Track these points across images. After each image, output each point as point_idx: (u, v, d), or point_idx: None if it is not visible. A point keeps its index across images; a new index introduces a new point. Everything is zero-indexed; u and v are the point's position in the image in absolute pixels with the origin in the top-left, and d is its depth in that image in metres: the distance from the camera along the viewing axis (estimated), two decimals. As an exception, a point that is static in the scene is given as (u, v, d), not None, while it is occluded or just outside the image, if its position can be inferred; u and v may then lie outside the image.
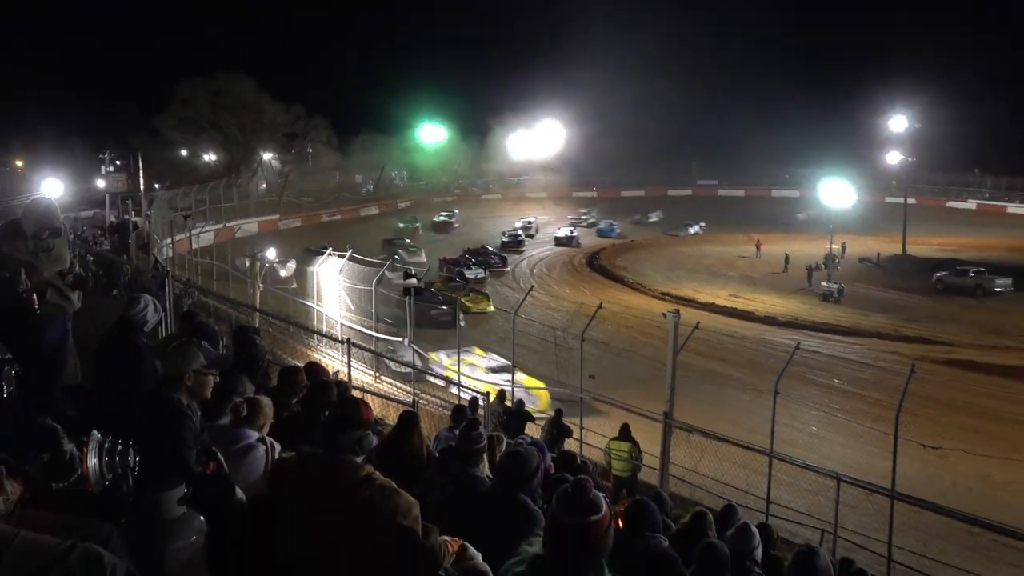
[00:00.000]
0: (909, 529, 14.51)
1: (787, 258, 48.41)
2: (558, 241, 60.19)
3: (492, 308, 33.82)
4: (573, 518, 2.62)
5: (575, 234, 61.38)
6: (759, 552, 5.96)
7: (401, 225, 59.82)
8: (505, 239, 57.62)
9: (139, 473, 3.52)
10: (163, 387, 4.45)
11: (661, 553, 5.02)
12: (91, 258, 24.98)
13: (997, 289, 41.51)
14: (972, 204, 74.72)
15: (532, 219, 66.38)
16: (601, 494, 2.70)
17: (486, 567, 3.63)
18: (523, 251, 55.64)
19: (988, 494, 17.49)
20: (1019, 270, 44.19)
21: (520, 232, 60.21)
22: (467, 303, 32.12)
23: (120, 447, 3.49)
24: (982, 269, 43.44)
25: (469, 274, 42.13)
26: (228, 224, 54.25)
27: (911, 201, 58.11)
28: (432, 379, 20.78)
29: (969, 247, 54.28)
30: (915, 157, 64.58)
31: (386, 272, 25.43)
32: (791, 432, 18.35)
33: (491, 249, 51.80)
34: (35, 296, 5.88)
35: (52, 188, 48.88)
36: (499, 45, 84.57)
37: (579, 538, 2.61)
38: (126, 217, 43.04)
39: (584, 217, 68.23)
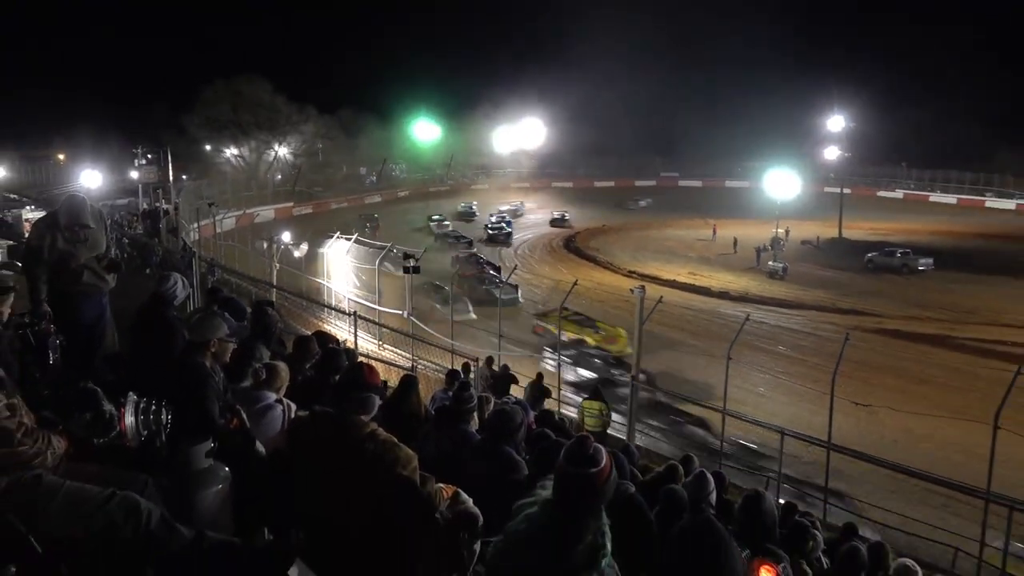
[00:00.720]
0: (843, 476, 14.70)
1: (735, 241, 48.50)
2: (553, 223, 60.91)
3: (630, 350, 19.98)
4: (578, 469, 2.65)
5: (567, 216, 62.19)
6: (713, 496, 6.00)
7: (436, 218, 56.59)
8: (490, 231, 53.88)
9: (171, 430, 3.52)
10: (190, 352, 4.44)
11: (628, 498, 5.05)
12: (126, 241, 24.79)
13: (920, 268, 41.76)
14: (900, 194, 75.02)
15: (519, 203, 65.84)
16: (603, 448, 2.72)
17: (476, 510, 3.64)
18: (511, 244, 52.55)
19: (911, 446, 17.64)
20: (940, 251, 44.51)
21: (503, 224, 55.74)
22: (598, 341, 23.33)
23: (154, 407, 3.49)
24: (908, 250, 43.69)
25: (499, 293, 28.19)
26: (248, 211, 53.85)
27: (847, 191, 58.28)
28: (428, 346, 20.78)
29: (897, 231, 54.53)
30: (851, 152, 64.81)
31: (393, 250, 25.28)
32: (742, 392, 18.47)
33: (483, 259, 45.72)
34: (72, 278, 5.94)
35: (91, 179, 48.57)
36: (487, 48, 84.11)
37: (584, 487, 2.62)
38: (157, 205, 42.70)
39: (517, 206, 66.47)
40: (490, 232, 53.69)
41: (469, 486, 3.89)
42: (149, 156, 51.54)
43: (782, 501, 9.19)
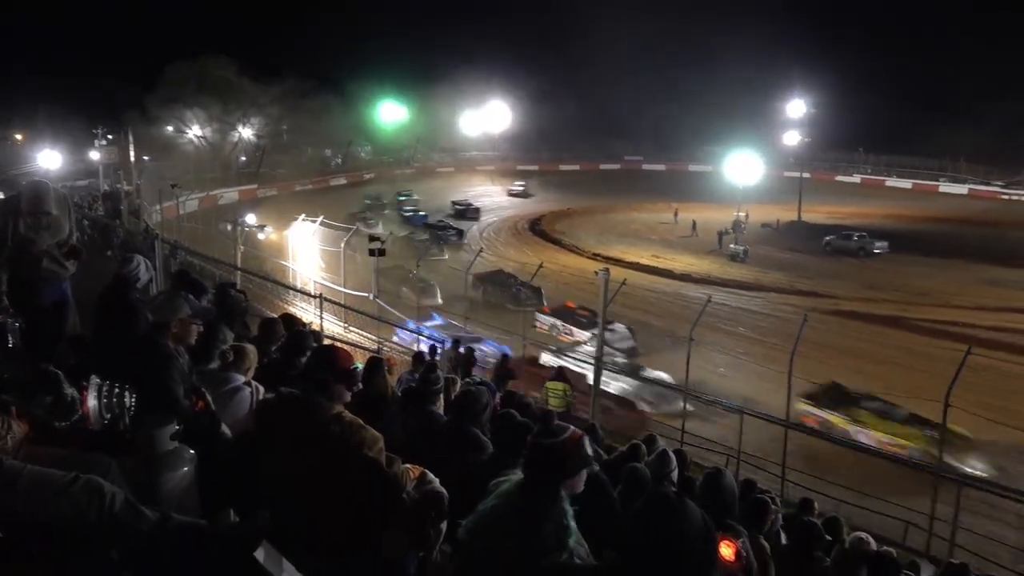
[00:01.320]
0: (800, 454, 14.99)
1: (694, 224, 48.85)
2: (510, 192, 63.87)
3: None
4: (544, 439, 2.79)
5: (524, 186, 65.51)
6: (675, 474, 6.09)
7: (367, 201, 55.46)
8: (458, 207, 54.76)
9: (134, 412, 3.48)
10: (153, 334, 4.37)
11: (592, 476, 5.09)
12: (87, 223, 24.29)
13: (875, 251, 42.40)
14: (857, 178, 76.04)
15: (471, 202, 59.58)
16: (568, 426, 2.82)
17: (443, 490, 3.65)
18: (479, 219, 53.39)
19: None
20: (895, 234, 45.28)
21: (470, 201, 56.78)
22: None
23: (117, 390, 3.43)
24: (864, 233, 44.34)
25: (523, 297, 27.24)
26: (211, 193, 53.05)
27: (806, 175, 59.03)
28: (395, 328, 20.73)
29: (854, 215, 55.31)
30: (810, 137, 65.61)
31: (361, 228, 25.17)
32: (703, 373, 18.68)
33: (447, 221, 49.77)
34: (31, 265, 5.86)
35: (50, 159, 47.36)
36: (454, 31, 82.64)
37: (551, 457, 2.70)
38: (118, 186, 41.83)
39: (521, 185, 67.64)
40: (458, 208, 54.75)
41: (436, 467, 3.90)
42: (110, 137, 50.42)
43: (742, 478, 9.35)
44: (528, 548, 2.59)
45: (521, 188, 66.06)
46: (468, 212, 54.22)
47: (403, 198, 57.46)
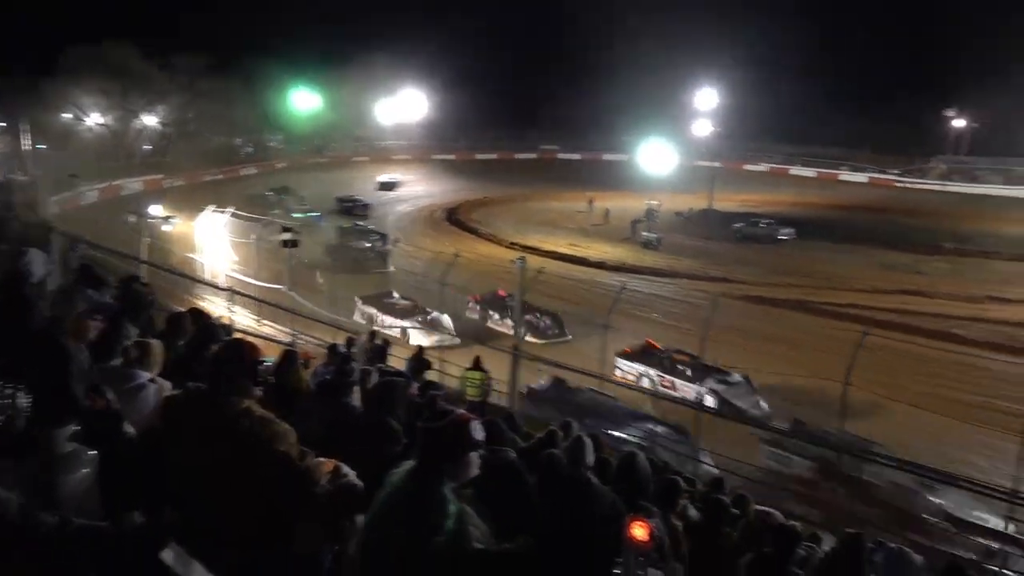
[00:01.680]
0: (712, 434, 15.48)
1: (607, 212, 49.50)
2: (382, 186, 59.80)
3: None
4: (430, 424, 2.91)
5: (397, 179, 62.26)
6: (591, 459, 6.21)
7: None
8: (344, 204, 50.47)
9: (31, 413, 3.34)
10: (49, 331, 4.20)
11: (508, 463, 5.15)
12: (-24, 215, 22.97)
13: (782, 237, 44.05)
14: (765, 167, 78.56)
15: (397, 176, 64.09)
16: (456, 410, 2.84)
17: (358, 483, 3.63)
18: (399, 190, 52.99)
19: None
20: (801, 221, 47.09)
21: (356, 198, 52.50)
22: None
23: (11, 389, 3.29)
24: (772, 221, 45.99)
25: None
26: (114, 183, 50.91)
27: (717, 165, 60.66)
28: (310, 321, 20.38)
29: (763, 203, 57.11)
30: (721, 127, 67.46)
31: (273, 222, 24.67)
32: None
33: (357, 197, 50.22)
34: None
35: (-66, 148, 44.71)
36: (368, 17, 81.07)
37: (434, 439, 2.74)
38: (11, 176, 39.75)
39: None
40: (344, 205, 50.63)
41: (352, 459, 3.87)
42: (3, 124, 47.79)
43: (660, 460, 9.62)
44: (418, 533, 2.61)
45: (390, 180, 61.60)
46: (356, 209, 49.34)
47: (281, 196, 49.76)
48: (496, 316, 25.17)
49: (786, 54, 73.74)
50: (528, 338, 21.41)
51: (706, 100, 67.30)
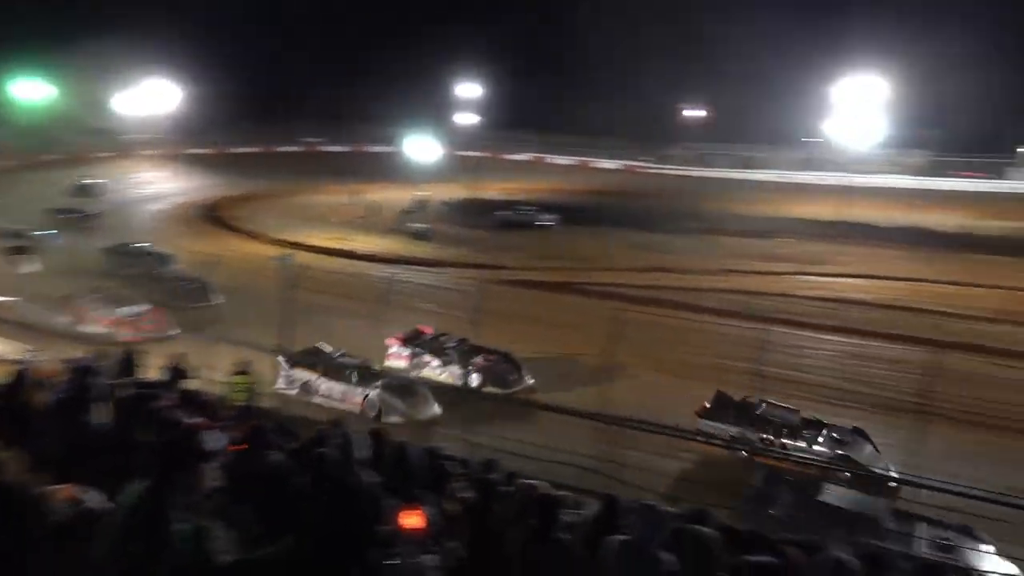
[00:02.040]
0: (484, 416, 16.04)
1: (374, 204, 49.12)
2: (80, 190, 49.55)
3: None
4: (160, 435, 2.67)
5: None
6: (363, 455, 6.21)
7: None
8: (59, 215, 40.08)
9: None
10: None
11: (276, 465, 5.04)
12: None
13: (541, 223, 46.37)
14: (526, 156, 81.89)
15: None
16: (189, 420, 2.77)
17: (103, 502, 3.39)
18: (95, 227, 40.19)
19: (542, 384, 19.68)
20: (559, 207, 49.67)
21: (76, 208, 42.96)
22: None
23: None
24: (532, 207, 48.18)
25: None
26: None
27: (480, 154, 62.36)
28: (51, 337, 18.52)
29: (525, 190, 59.37)
30: (484, 117, 69.42)
31: None
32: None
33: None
34: None
35: None
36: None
37: (167, 450, 2.65)
38: None
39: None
40: (59, 217, 40.09)
41: (95, 479, 3.60)
42: None
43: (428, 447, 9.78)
44: (156, 548, 2.52)
45: (92, 183, 52.38)
46: (80, 221, 40.84)
47: None
48: (433, 362, 19.77)
49: (541, 48, 77.42)
50: (489, 388, 18.80)
51: (468, 91, 68.88)
